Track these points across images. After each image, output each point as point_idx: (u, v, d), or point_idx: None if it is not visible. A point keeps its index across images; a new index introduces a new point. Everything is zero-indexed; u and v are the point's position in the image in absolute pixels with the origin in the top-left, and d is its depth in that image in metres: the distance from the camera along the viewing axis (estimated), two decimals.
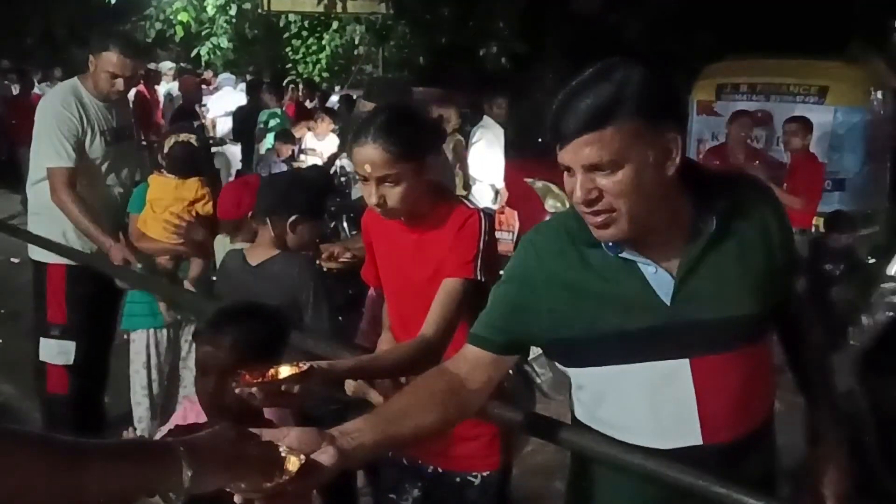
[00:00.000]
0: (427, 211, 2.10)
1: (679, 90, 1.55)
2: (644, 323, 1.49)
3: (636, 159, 1.39)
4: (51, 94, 3.65)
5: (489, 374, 1.59)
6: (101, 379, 3.83)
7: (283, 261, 2.67)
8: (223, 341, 1.73)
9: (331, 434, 1.31)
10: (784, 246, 1.57)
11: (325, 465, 1.26)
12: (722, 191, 1.53)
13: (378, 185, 2.01)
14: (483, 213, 2.13)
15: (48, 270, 3.63)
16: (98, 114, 3.55)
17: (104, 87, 3.51)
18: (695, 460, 1.52)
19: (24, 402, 4.41)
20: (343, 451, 1.29)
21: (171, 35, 11.18)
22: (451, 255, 2.05)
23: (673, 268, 1.50)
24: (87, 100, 3.53)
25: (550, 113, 1.43)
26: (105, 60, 3.47)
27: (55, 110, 3.48)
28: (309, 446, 1.26)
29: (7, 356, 4.98)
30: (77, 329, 3.61)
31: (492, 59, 10.94)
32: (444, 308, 2.00)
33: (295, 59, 12.31)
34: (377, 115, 2.08)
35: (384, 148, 1.98)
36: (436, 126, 2.23)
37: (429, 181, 2.10)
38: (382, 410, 1.47)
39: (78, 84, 3.57)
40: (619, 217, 1.43)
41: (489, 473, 2.22)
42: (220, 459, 1.15)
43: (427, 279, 2.08)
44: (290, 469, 1.21)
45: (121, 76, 3.49)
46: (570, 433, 1.70)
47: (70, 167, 3.42)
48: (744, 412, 1.54)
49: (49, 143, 3.44)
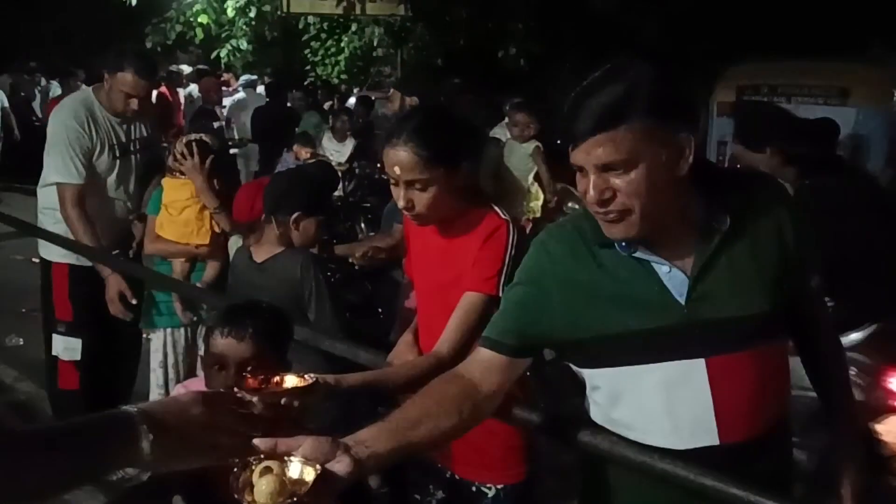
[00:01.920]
0: (457, 216, 2.05)
1: (692, 90, 1.54)
2: (658, 323, 1.48)
3: (649, 159, 1.39)
4: (65, 106, 3.67)
5: (502, 378, 1.59)
6: (111, 376, 3.89)
7: (286, 258, 2.68)
8: (244, 333, 1.74)
9: (345, 443, 1.30)
10: (799, 243, 1.55)
11: (340, 475, 1.24)
12: (735, 189, 1.53)
13: (407, 189, 1.96)
14: (512, 224, 2.05)
15: (53, 268, 3.74)
16: (109, 128, 3.61)
17: (119, 105, 3.56)
18: (711, 460, 1.51)
19: (45, 401, 4.45)
20: (358, 460, 1.28)
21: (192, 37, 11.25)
22: (474, 267, 2.00)
23: (687, 267, 1.49)
24: (98, 113, 3.59)
25: (563, 113, 1.43)
26: (120, 80, 3.51)
27: (67, 124, 3.53)
28: (324, 456, 1.24)
29: (28, 355, 5.04)
30: (84, 326, 3.69)
31: (510, 60, 10.94)
32: (461, 324, 1.96)
33: (314, 61, 12.37)
34: (412, 116, 2.03)
35: (416, 151, 1.92)
36: (474, 131, 2.17)
37: (462, 187, 2.03)
38: (396, 417, 1.44)
39: (91, 96, 3.63)
40: (632, 216, 1.43)
41: (504, 486, 2.17)
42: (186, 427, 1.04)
43: (450, 283, 2.06)
44: (306, 480, 1.19)
45: (135, 96, 3.53)
46: (586, 434, 1.69)
47: (79, 184, 3.50)
48: (760, 411, 1.54)
49: (60, 158, 3.51)
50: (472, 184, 2.10)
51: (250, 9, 10.89)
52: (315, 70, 12.32)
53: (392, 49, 11.62)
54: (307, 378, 1.58)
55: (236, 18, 11.02)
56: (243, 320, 1.77)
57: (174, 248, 3.55)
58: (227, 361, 1.75)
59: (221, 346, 1.76)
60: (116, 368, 3.92)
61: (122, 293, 3.45)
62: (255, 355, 1.69)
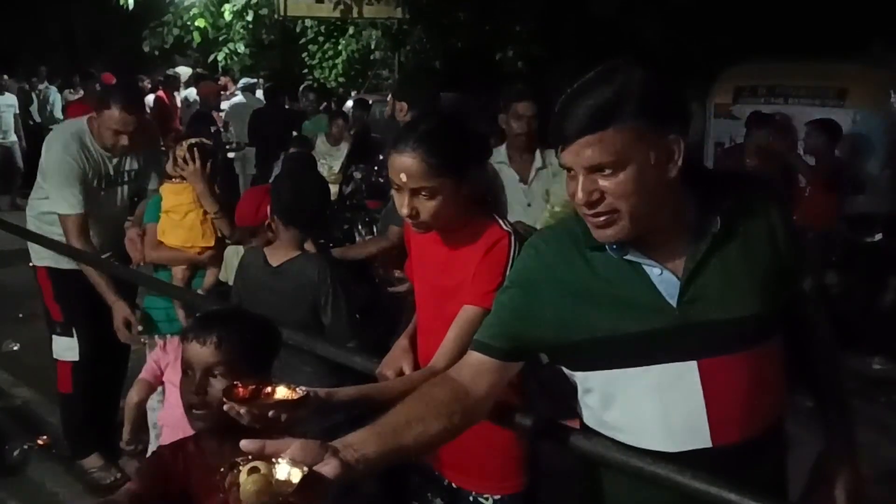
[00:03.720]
0: (460, 226, 2.01)
1: (682, 92, 1.53)
2: (650, 325, 1.47)
3: (638, 160, 1.38)
4: (58, 136, 3.66)
5: (494, 381, 1.58)
6: (107, 377, 3.90)
7: (303, 261, 2.69)
8: (208, 339, 1.72)
9: (333, 446, 1.29)
10: (791, 245, 1.54)
11: (328, 478, 1.23)
12: (726, 191, 1.52)
13: (412, 197, 1.91)
14: (515, 236, 2.00)
15: (37, 272, 3.83)
16: (98, 159, 3.62)
17: (108, 142, 3.55)
18: (704, 463, 1.50)
19: (41, 406, 4.46)
20: (346, 463, 1.27)
21: (189, 41, 11.26)
22: (474, 279, 1.96)
23: (678, 269, 1.48)
24: (89, 144, 3.60)
25: (553, 114, 1.42)
26: (107, 118, 3.49)
27: (61, 158, 3.53)
28: (311, 458, 1.23)
29: (24, 360, 5.03)
30: (74, 325, 3.73)
31: (508, 62, 10.93)
32: (458, 339, 1.92)
33: (311, 65, 12.37)
34: (420, 123, 1.98)
35: (423, 158, 1.87)
36: (483, 140, 2.12)
37: (467, 196, 1.98)
38: (385, 421, 1.42)
39: (84, 128, 3.61)
40: (620, 218, 1.42)
41: (502, 497, 2.15)
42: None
43: (450, 291, 2.03)
44: (293, 481, 1.19)
45: (124, 132, 3.51)
46: (580, 438, 1.68)
47: (81, 213, 3.52)
48: (754, 414, 1.52)
49: (58, 191, 3.53)
50: (477, 193, 2.06)
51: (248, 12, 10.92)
52: (313, 73, 12.32)
53: (390, 52, 11.62)
54: (298, 391, 1.55)
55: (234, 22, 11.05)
56: (211, 326, 1.75)
57: (177, 255, 3.53)
58: (193, 367, 1.73)
59: (187, 351, 1.75)
60: (111, 370, 3.93)
61: (127, 320, 3.46)
62: (222, 362, 1.68)
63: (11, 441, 3.97)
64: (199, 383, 1.70)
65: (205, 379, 1.69)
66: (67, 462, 3.89)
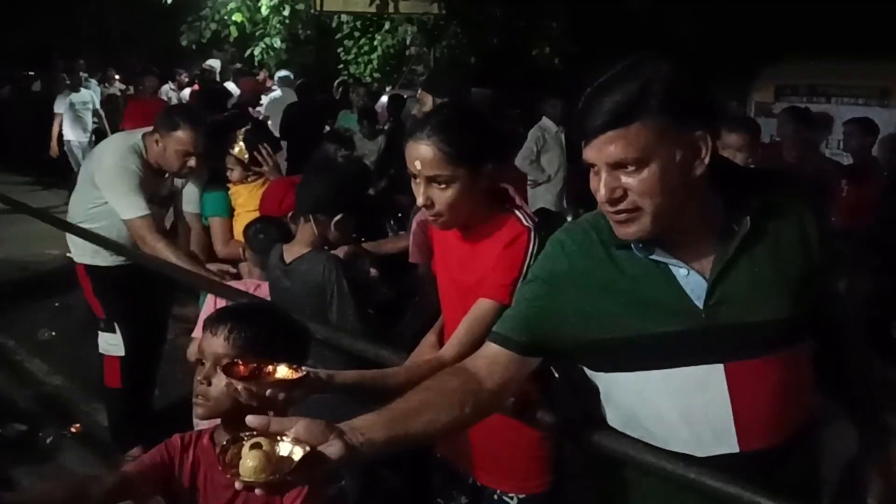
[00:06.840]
0: (479, 222, 2.00)
1: (710, 88, 1.49)
2: (675, 327, 1.44)
3: (662, 157, 1.35)
4: (116, 148, 3.57)
5: (509, 375, 1.55)
6: (151, 370, 3.94)
7: (309, 260, 2.67)
8: (219, 331, 1.74)
9: (339, 428, 1.29)
10: (824, 245, 1.50)
11: (330, 458, 1.24)
12: (756, 189, 1.48)
13: (427, 185, 1.90)
14: (534, 231, 1.96)
15: (77, 269, 3.81)
16: (152, 179, 3.52)
17: (175, 165, 3.43)
18: (732, 468, 1.47)
19: (75, 394, 4.53)
20: (351, 446, 1.27)
21: (226, 35, 11.37)
22: (492, 273, 1.94)
23: (706, 270, 1.45)
24: (146, 163, 3.50)
25: (577, 110, 1.40)
26: (176, 140, 3.38)
27: (123, 166, 3.45)
28: (316, 438, 1.24)
29: (59, 349, 5.11)
30: (118, 321, 3.72)
31: (544, 58, 10.88)
32: (469, 330, 1.90)
33: (347, 60, 12.41)
34: (438, 112, 1.98)
35: (438, 146, 1.87)
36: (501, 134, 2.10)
37: (486, 191, 1.96)
38: (395, 407, 1.41)
39: (140, 145, 3.51)
40: (642, 216, 1.39)
41: (527, 496, 2.14)
42: None
43: (470, 286, 2.01)
44: (293, 459, 1.20)
45: (194, 154, 3.40)
46: (605, 437, 1.64)
47: (149, 213, 3.43)
48: (781, 418, 1.48)
49: (124, 198, 3.44)
50: (496, 188, 2.04)
51: (284, 7, 11.02)
52: (348, 68, 12.35)
53: (425, 48, 11.62)
54: (298, 371, 1.56)
55: (270, 17, 11.14)
56: (224, 319, 1.77)
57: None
58: (205, 356, 1.76)
59: (203, 340, 1.78)
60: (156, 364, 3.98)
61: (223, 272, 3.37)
62: (230, 355, 1.69)
63: (44, 428, 4.03)
64: (207, 373, 1.72)
65: (213, 369, 1.71)
66: (101, 450, 3.93)
